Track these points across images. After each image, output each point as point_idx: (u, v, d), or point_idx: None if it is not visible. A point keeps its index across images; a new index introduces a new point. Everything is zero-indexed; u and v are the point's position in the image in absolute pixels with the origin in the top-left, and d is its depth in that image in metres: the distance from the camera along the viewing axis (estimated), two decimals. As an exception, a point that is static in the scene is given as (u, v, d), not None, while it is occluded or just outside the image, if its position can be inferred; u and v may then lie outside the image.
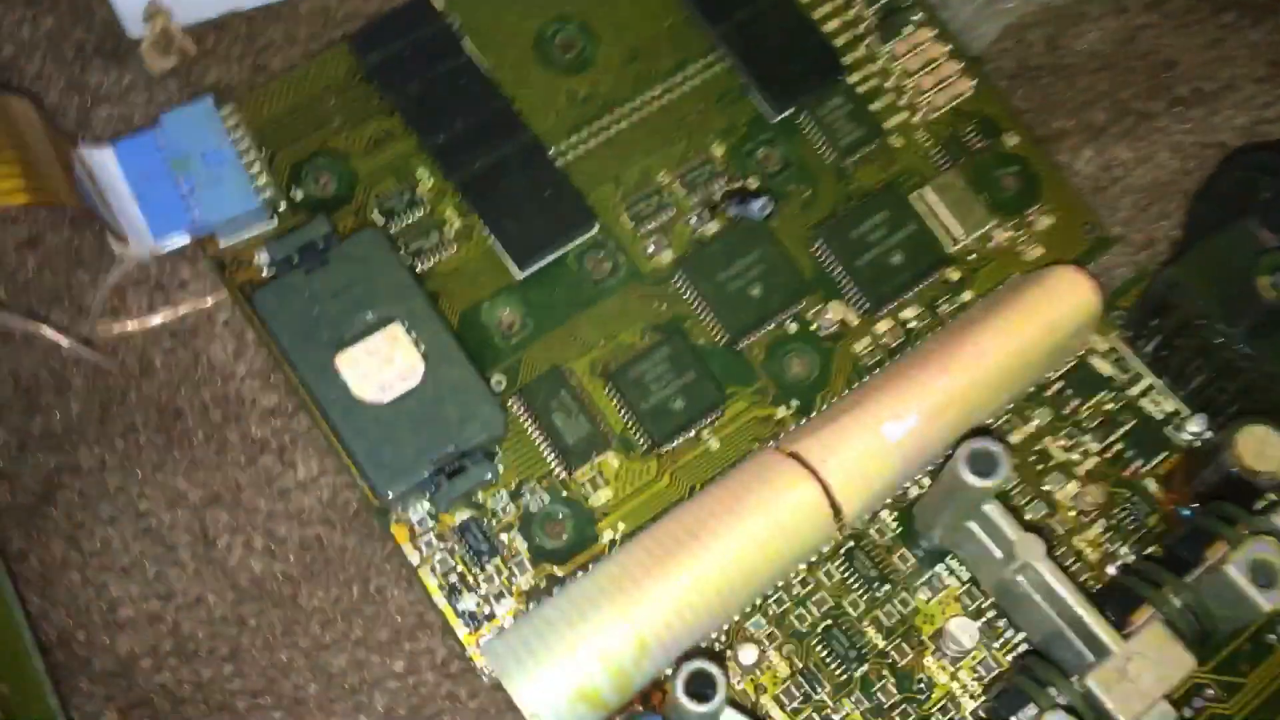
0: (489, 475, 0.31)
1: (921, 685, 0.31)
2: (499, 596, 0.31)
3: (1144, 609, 0.29)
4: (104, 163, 0.33)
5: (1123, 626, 0.29)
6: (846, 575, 0.32)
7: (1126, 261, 0.37)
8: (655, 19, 0.36)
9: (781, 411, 0.34)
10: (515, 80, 0.35)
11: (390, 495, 0.31)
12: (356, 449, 0.31)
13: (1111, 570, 0.32)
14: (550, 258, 0.34)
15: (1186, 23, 0.40)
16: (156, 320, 0.34)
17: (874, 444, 0.31)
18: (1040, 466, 0.33)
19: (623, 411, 0.33)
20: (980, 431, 0.33)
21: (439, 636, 0.32)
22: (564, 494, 0.32)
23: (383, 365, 0.32)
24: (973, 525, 0.30)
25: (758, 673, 0.31)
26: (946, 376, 0.32)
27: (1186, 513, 0.32)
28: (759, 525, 0.30)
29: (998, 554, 0.30)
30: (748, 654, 0.31)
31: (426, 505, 0.32)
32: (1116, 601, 0.30)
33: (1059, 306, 0.33)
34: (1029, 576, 0.29)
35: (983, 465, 0.28)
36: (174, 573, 0.32)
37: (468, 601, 0.31)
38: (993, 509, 0.29)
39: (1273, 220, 0.31)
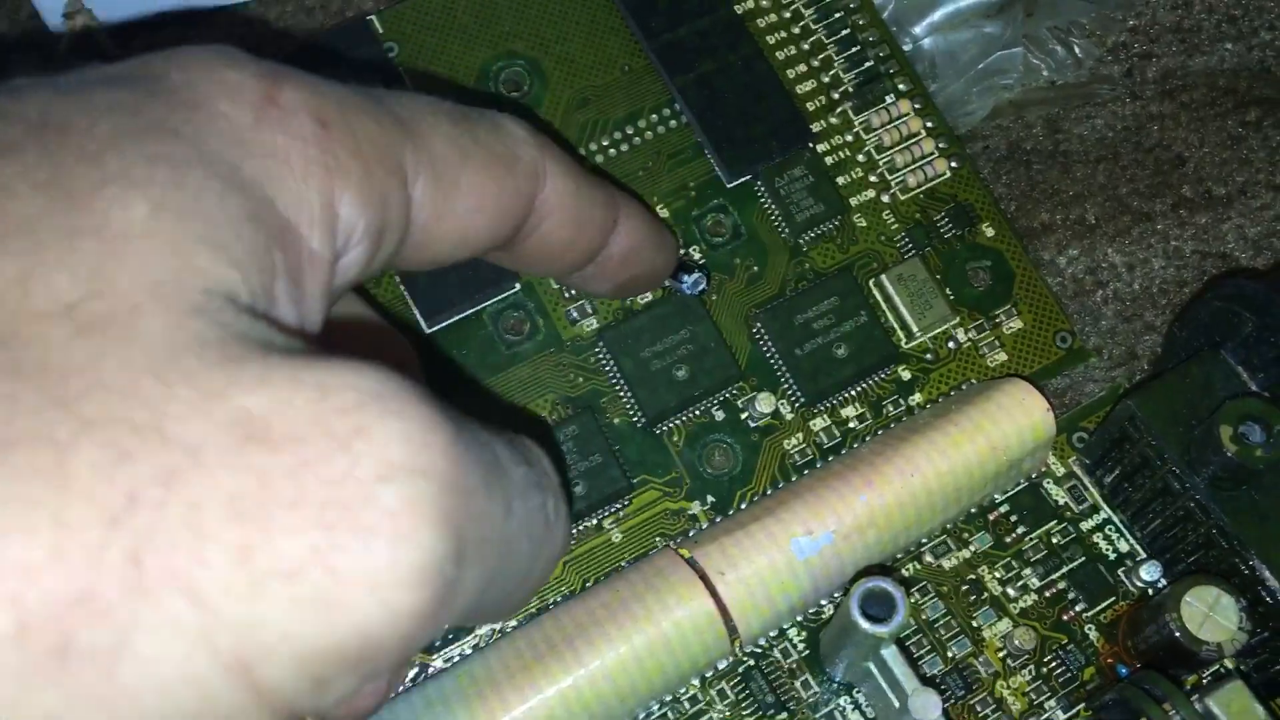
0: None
1: (805, 831, 0.28)
2: (357, 681, 0.29)
3: (1051, 787, 0.26)
4: None
5: (1026, 802, 0.26)
6: (741, 697, 0.29)
7: (1102, 377, 0.33)
8: (611, 64, 0.34)
9: (695, 507, 0.31)
10: (453, 117, 0.33)
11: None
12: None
13: (1034, 725, 0.29)
14: (462, 314, 0.31)
15: (1204, 116, 0.36)
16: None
17: (780, 559, 0.28)
18: (972, 598, 0.30)
19: (519, 490, 0.30)
20: (904, 565, 0.30)
21: None
22: (443, 574, 0.30)
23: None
24: (871, 667, 0.27)
25: (626, 797, 0.29)
26: (871, 491, 0.29)
27: (1125, 672, 0.29)
28: (643, 641, 0.27)
29: (895, 702, 0.27)
30: (618, 775, 0.29)
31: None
32: (1023, 773, 0.26)
33: (1006, 426, 0.29)
34: (926, 735, 0.26)
35: (878, 608, 0.25)
36: None
37: (322, 682, 0.29)
38: (891, 655, 0.26)
39: (1254, 359, 0.28)
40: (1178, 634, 0.27)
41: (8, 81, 0.16)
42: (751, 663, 0.30)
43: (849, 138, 0.34)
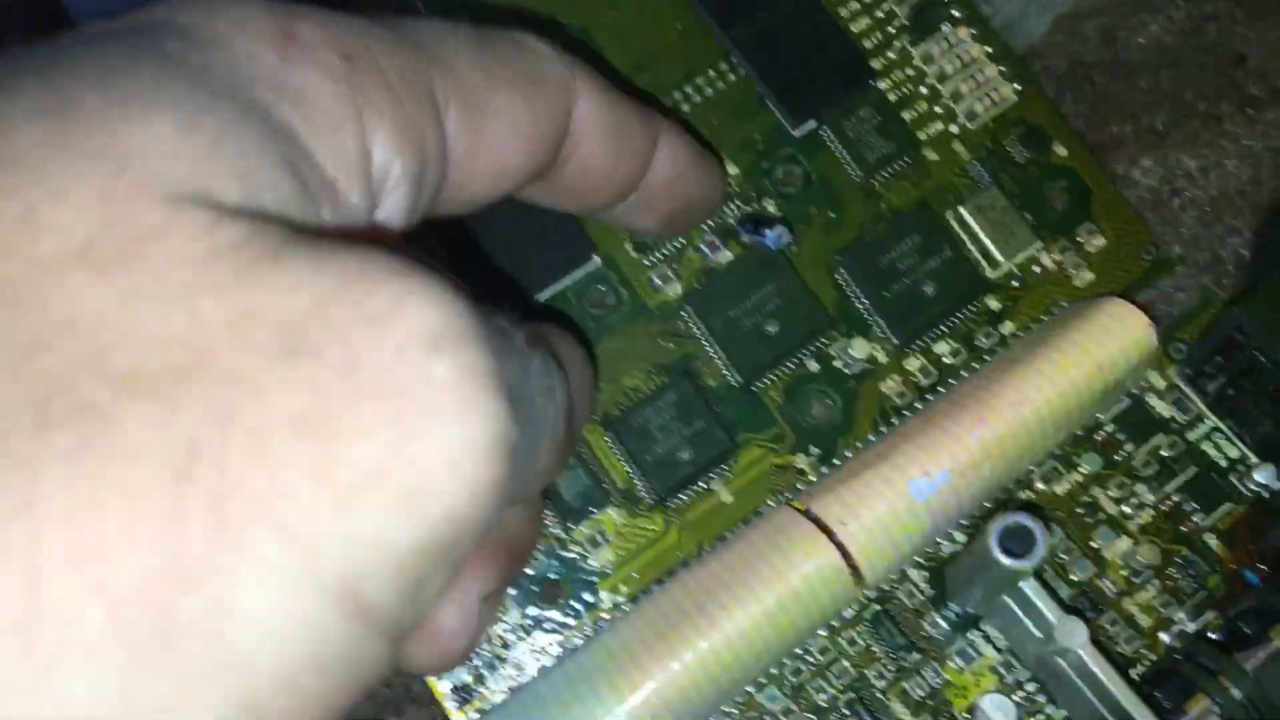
0: (479, 537, 0.29)
1: (952, 768, 0.28)
2: (491, 667, 0.29)
3: (1199, 698, 0.26)
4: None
5: (1176, 716, 0.26)
6: (871, 642, 0.29)
7: (1190, 285, 0.33)
8: (662, 24, 0.33)
9: (800, 460, 0.31)
10: (511, 96, 0.32)
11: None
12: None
13: (1166, 638, 0.29)
14: (547, 294, 0.31)
15: (1261, 12, 0.36)
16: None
17: (900, 504, 0.28)
18: (1088, 520, 0.30)
19: (625, 462, 0.30)
20: (1018, 494, 0.30)
21: (425, 710, 0.30)
22: (561, 554, 0.30)
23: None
24: (1008, 600, 0.27)
25: (771, 753, 0.29)
26: (983, 427, 0.28)
27: (1252, 576, 0.29)
28: (773, 597, 0.27)
29: (1037, 633, 0.27)
30: (760, 732, 0.29)
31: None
32: (1171, 686, 0.27)
33: (1110, 346, 0.29)
34: (1070, 660, 0.26)
35: (1017, 544, 0.25)
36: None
37: (457, 673, 0.29)
38: (1030, 587, 0.26)
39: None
40: (1306, 534, 0.27)
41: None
42: (879, 607, 0.30)
43: (910, 71, 0.33)
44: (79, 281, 0.13)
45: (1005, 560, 0.25)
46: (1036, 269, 0.32)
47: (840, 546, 0.28)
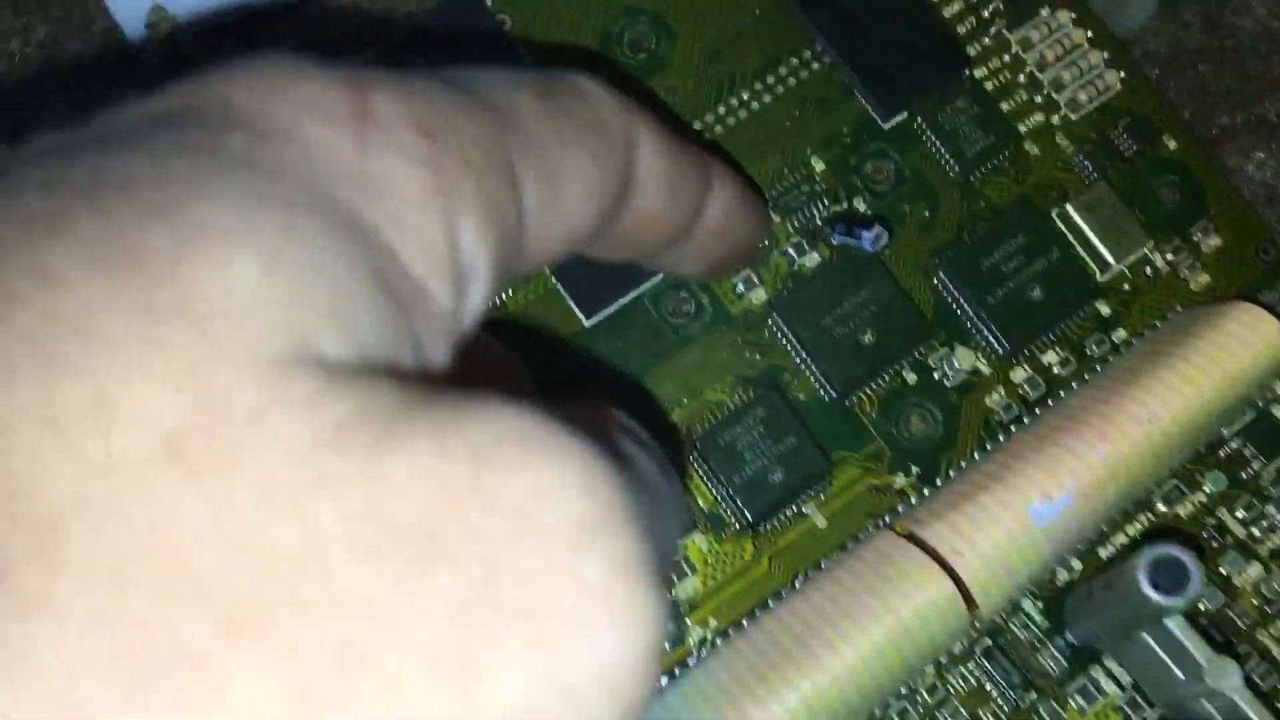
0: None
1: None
2: (570, 711, 0.27)
3: (1364, 745, 0.24)
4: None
5: (1336, 764, 0.24)
6: (983, 681, 0.27)
7: (1311, 287, 0.31)
8: (740, 9, 0.31)
9: (900, 480, 0.28)
10: (578, 87, 0.30)
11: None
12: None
13: (1306, 674, 0.27)
14: (621, 302, 0.29)
15: (1375, -9, 0.33)
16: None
17: (1019, 530, 0.26)
18: (1215, 545, 0.28)
19: (711, 485, 0.28)
20: (1138, 517, 0.27)
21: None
22: (644, 585, 0.27)
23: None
24: (1146, 637, 0.25)
25: (879, 803, 0.26)
26: (1106, 444, 0.26)
27: (1401, 606, 0.27)
28: (882, 632, 0.25)
29: (1178, 673, 0.24)
30: (867, 780, 0.26)
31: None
32: (1326, 731, 0.24)
33: (1240, 354, 0.27)
34: (1218, 704, 0.24)
35: (1165, 577, 0.23)
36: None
37: None
38: (1178, 626, 0.24)
39: None
40: None
41: (30, 141, 0.13)
42: (990, 642, 0.27)
43: (1007, 58, 0.31)
44: (167, 489, 0.10)
45: (1156, 596, 0.22)
46: (1149, 270, 0.30)
47: (954, 576, 0.25)
